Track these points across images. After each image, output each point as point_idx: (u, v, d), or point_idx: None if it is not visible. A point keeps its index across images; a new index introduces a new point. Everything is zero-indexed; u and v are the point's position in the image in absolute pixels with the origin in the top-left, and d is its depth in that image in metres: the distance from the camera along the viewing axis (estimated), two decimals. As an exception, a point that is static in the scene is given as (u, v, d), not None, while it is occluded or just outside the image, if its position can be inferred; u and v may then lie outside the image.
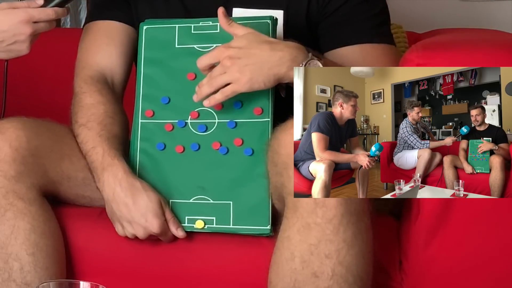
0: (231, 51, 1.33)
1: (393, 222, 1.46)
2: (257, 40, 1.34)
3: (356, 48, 1.48)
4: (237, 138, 1.42)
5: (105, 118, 1.48)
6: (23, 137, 1.41)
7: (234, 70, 1.32)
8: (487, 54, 1.30)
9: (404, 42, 1.90)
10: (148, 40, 1.50)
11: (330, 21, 1.50)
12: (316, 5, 1.51)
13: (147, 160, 1.45)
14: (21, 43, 1.43)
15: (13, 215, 1.38)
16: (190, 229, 1.41)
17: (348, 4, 1.50)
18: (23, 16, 1.42)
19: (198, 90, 1.38)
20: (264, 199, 1.38)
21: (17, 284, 1.36)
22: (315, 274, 1.24)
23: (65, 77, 1.69)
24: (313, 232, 1.24)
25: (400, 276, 1.41)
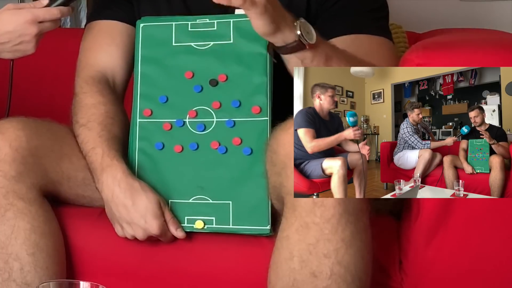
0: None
1: (393, 222, 1.46)
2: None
3: (353, 38, 1.47)
4: (236, 137, 1.42)
5: (106, 118, 1.48)
6: (23, 137, 1.41)
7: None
8: (487, 54, 1.29)
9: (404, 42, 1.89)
10: (145, 38, 1.50)
11: (329, 13, 1.50)
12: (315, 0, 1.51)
13: (145, 160, 1.45)
14: (27, 43, 1.44)
15: (13, 215, 1.38)
16: (190, 229, 1.41)
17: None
18: (28, 16, 1.43)
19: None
20: (264, 199, 1.38)
21: (17, 284, 1.36)
22: (314, 274, 1.24)
23: (65, 77, 1.70)
24: (311, 231, 1.24)
25: (400, 276, 1.40)
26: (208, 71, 1.45)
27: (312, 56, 1.32)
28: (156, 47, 1.49)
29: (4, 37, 1.44)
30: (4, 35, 1.43)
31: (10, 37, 1.44)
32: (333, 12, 1.50)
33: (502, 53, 1.29)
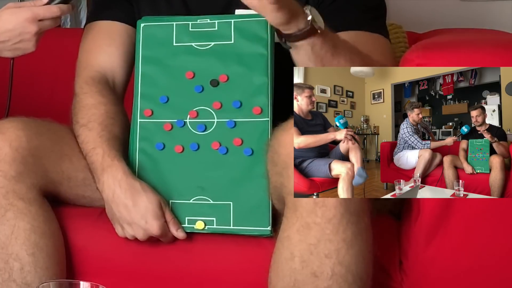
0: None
1: (393, 222, 1.46)
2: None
3: (351, 35, 1.46)
4: (237, 138, 1.41)
5: (106, 118, 1.48)
6: (23, 137, 1.41)
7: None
8: (487, 54, 1.29)
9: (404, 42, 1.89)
10: (145, 38, 1.50)
11: (327, 11, 1.49)
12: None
13: (146, 160, 1.45)
14: (27, 41, 1.44)
15: (14, 215, 1.38)
16: (190, 230, 1.41)
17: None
18: (28, 15, 1.43)
19: None
20: (264, 200, 1.38)
21: (17, 284, 1.36)
22: (315, 274, 1.24)
23: (65, 77, 1.70)
24: (312, 231, 1.24)
25: (400, 276, 1.40)
26: (209, 72, 1.45)
27: (321, 43, 1.32)
28: (157, 47, 1.48)
29: (4, 35, 1.43)
30: (4, 33, 1.43)
31: (10, 35, 1.43)
32: (331, 9, 1.49)
33: (502, 53, 1.29)
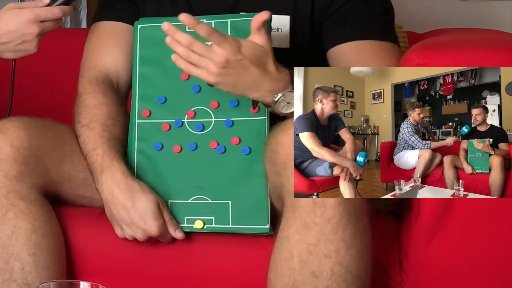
0: (234, 57, 1.27)
1: (393, 222, 1.46)
2: (259, 59, 1.30)
3: (357, 45, 1.47)
4: (234, 137, 1.42)
5: (108, 119, 1.48)
6: (24, 137, 1.41)
7: (217, 70, 1.28)
8: (487, 54, 1.29)
9: (404, 42, 1.89)
10: (143, 39, 1.50)
11: (333, 19, 1.50)
12: (319, 6, 1.51)
13: (144, 160, 1.46)
14: (29, 42, 1.45)
15: (14, 215, 1.38)
16: (190, 229, 1.42)
17: (351, 2, 1.49)
18: (30, 16, 1.43)
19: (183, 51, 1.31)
20: (263, 198, 1.39)
21: (18, 284, 1.36)
22: (314, 274, 1.24)
23: (66, 77, 1.70)
24: (312, 232, 1.25)
25: (400, 276, 1.41)
26: None
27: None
28: (154, 47, 1.48)
29: (6, 36, 1.44)
30: (6, 34, 1.44)
31: (12, 36, 1.44)
32: (336, 18, 1.49)
33: (502, 53, 1.29)
